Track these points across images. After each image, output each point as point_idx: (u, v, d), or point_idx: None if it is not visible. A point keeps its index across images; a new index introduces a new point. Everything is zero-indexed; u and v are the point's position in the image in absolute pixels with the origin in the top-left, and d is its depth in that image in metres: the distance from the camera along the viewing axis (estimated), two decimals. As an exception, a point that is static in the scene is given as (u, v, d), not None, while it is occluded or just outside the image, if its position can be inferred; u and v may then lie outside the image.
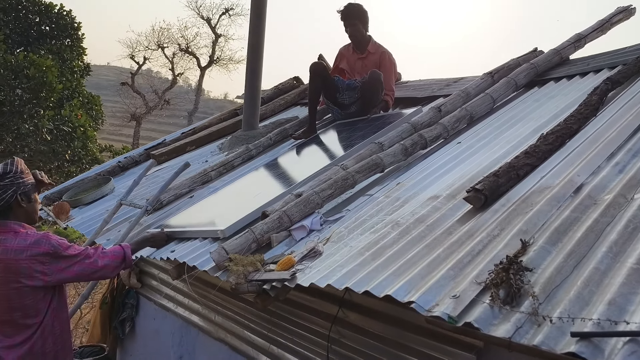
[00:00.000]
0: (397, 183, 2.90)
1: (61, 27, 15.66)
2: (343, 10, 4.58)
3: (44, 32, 15.56)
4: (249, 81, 4.87)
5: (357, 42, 4.69)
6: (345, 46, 4.84)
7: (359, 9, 4.60)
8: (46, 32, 15.56)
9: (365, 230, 2.39)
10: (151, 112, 28.20)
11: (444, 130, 3.33)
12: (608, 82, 2.88)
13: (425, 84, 4.94)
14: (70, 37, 15.92)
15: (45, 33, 15.54)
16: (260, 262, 2.46)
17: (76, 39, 16.06)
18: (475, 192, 2.16)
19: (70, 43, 15.93)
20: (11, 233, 2.40)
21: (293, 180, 3.26)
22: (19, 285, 2.34)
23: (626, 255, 1.64)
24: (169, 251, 2.95)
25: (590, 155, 2.28)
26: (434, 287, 1.73)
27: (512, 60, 4.18)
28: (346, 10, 4.58)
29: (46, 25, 15.61)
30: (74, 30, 15.88)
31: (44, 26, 15.59)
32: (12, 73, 12.27)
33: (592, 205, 1.95)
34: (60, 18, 15.64)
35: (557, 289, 1.60)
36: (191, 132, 5.58)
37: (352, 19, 4.57)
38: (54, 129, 13.01)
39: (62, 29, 15.67)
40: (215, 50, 28.36)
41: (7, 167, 2.40)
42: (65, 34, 15.78)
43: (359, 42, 4.68)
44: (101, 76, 43.72)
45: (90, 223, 3.93)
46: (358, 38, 4.65)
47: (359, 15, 4.59)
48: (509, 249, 1.81)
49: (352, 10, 4.58)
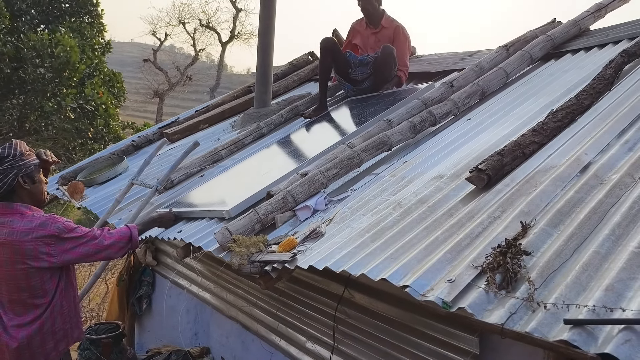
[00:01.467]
0: (403, 162, 2.85)
1: (80, 3, 15.66)
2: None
3: (64, 9, 15.61)
4: (260, 58, 4.81)
5: (369, 16, 4.58)
6: (357, 21, 4.73)
7: None
8: (65, 10, 15.60)
9: (368, 211, 2.36)
10: (174, 89, 28.30)
11: (454, 107, 3.25)
12: (624, 54, 2.76)
13: (440, 57, 4.82)
14: (90, 14, 15.93)
15: (65, 10, 15.58)
16: (264, 243, 2.45)
17: (95, 15, 16.07)
18: (478, 172, 2.11)
19: (90, 20, 15.95)
20: (17, 215, 2.43)
21: (300, 159, 3.23)
22: (25, 267, 2.37)
23: (629, 239, 1.59)
24: (176, 231, 2.97)
25: (600, 132, 2.20)
26: (430, 271, 1.70)
27: (529, 32, 4.04)
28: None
29: (65, 3, 15.63)
30: (92, 7, 15.88)
31: (64, 3, 15.62)
32: (35, 52, 12.39)
33: (597, 186, 1.89)
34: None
35: (555, 273, 1.55)
36: (204, 110, 5.57)
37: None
38: (77, 107, 13.15)
39: (81, 6, 15.68)
40: (236, 25, 28.22)
41: (5, 150, 2.41)
42: (85, 10, 15.79)
43: (371, 16, 4.57)
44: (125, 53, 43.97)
45: (103, 202, 3.97)
46: (370, 12, 4.55)
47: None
48: (509, 232, 1.77)
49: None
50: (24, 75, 12.57)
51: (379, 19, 4.56)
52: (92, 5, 15.69)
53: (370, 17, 4.58)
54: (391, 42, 4.40)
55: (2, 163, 2.39)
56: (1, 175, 2.39)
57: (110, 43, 16.70)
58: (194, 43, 28.93)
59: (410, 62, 4.70)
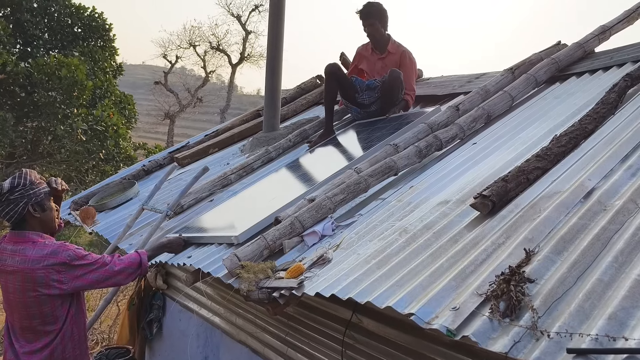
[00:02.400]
0: (410, 186, 2.87)
1: (93, 29, 15.98)
2: (362, 10, 4.53)
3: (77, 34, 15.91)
4: (268, 82, 4.88)
5: (376, 42, 4.64)
6: (363, 46, 4.79)
7: (378, 8, 4.54)
8: (78, 34, 15.91)
9: (374, 237, 2.38)
10: (184, 110, 28.59)
11: (460, 131, 3.28)
12: (627, 78, 2.79)
13: (447, 80, 4.87)
14: (102, 38, 16.23)
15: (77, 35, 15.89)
16: (271, 269, 2.48)
17: (107, 40, 16.37)
18: (483, 199, 2.13)
19: (102, 44, 16.24)
20: (29, 243, 2.48)
21: (308, 184, 3.27)
22: (37, 294, 2.42)
23: (632, 266, 1.60)
24: (186, 257, 3.00)
25: (604, 157, 2.22)
26: (434, 299, 1.72)
27: (534, 55, 4.08)
28: (365, 9, 4.52)
29: (78, 28, 15.95)
30: (105, 32, 16.18)
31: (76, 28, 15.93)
32: (46, 75, 12.62)
33: (601, 212, 1.90)
34: (92, 20, 15.96)
35: (559, 301, 1.56)
36: (214, 135, 5.64)
37: (371, 18, 4.51)
38: (88, 129, 13.32)
39: (93, 31, 15.99)
40: (246, 46, 28.54)
41: (16, 180, 2.47)
42: (97, 35, 16.10)
43: (377, 41, 4.63)
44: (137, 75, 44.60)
45: (114, 227, 4.03)
46: (377, 38, 4.60)
47: (378, 14, 4.53)
48: (513, 259, 1.79)
49: (370, 10, 4.52)
50: (36, 100, 12.79)
51: (385, 45, 4.62)
52: (105, 30, 15.98)
53: (376, 43, 4.64)
54: (398, 67, 4.46)
55: (13, 192, 2.45)
56: (12, 204, 2.45)
57: (121, 66, 16.98)
58: (205, 65, 29.29)
59: (417, 85, 4.75)
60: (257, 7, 27.46)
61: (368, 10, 4.53)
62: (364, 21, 4.55)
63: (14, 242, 2.51)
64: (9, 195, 2.46)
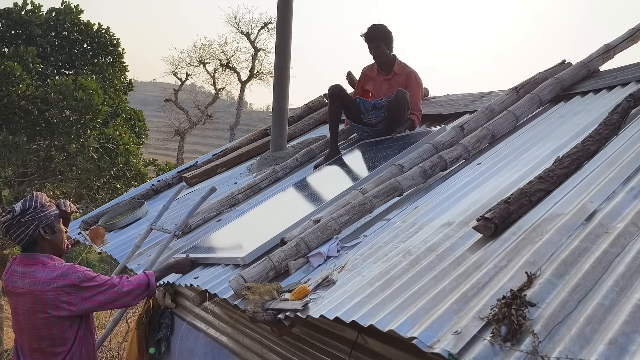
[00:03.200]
0: (414, 207, 2.89)
1: (101, 45, 16.19)
2: (367, 32, 4.58)
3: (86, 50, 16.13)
4: (275, 102, 4.94)
5: (382, 63, 4.67)
6: (368, 67, 4.84)
7: (383, 30, 4.58)
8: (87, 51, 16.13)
9: (379, 259, 2.40)
10: (194, 127, 28.81)
11: (464, 151, 3.30)
12: (630, 99, 2.80)
13: (452, 99, 4.90)
14: (111, 54, 16.44)
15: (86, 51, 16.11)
16: (277, 291, 2.50)
17: (117, 55, 16.57)
18: (485, 221, 2.15)
19: (112, 60, 16.45)
20: (39, 265, 2.52)
21: (314, 204, 3.30)
22: (46, 316, 2.46)
23: (632, 290, 1.61)
24: (193, 277, 3.03)
25: (606, 179, 2.23)
26: (436, 322, 1.73)
27: (539, 74, 4.11)
28: (370, 32, 4.57)
29: (87, 44, 16.18)
30: (113, 47, 16.39)
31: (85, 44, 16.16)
32: (61, 95, 12.81)
33: (602, 235, 1.91)
34: (100, 36, 16.19)
35: (559, 325, 1.57)
36: (222, 154, 5.70)
37: (376, 40, 4.56)
38: (100, 147, 13.47)
39: (102, 47, 16.21)
40: (255, 64, 28.78)
41: (27, 203, 2.53)
42: (106, 51, 16.31)
43: (384, 63, 4.66)
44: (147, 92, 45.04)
45: (123, 247, 4.07)
46: (383, 59, 4.64)
47: (384, 36, 4.58)
48: (515, 282, 1.80)
49: (375, 32, 4.57)
50: (50, 118, 12.96)
51: (391, 66, 4.66)
52: (113, 46, 16.18)
53: (382, 64, 4.68)
54: (404, 88, 4.49)
55: (24, 215, 2.50)
56: (23, 226, 2.51)
57: (132, 82, 17.17)
58: (214, 82, 29.54)
59: (423, 104, 4.78)
60: (266, 25, 27.72)
61: (373, 33, 4.58)
62: (370, 43, 4.60)
63: (24, 264, 2.56)
64: (20, 217, 2.51)
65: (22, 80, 12.39)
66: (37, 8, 15.38)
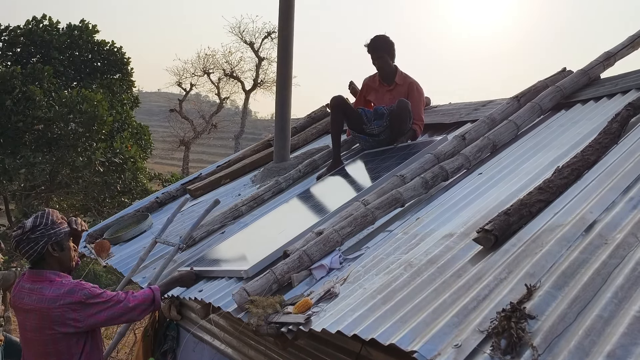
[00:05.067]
0: (416, 218, 2.91)
1: (112, 62, 16.42)
2: (370, 44, 4.59)
3: (96, 67, 16.33)
4: (278, 113, 4.98)
5: (384, 74, 4.68)
6: (370, 78, 4.86)
7: (386, 41, 4.60)
8: (98, 68, 16.32)
9: (380, 271, 2.42)
10: (199, 137, 28.94)
11: (465, 161, 3.32)
12: (629, 107, 2.81)
13: (454, 108, 4.92)
14: (120, 71, 16.64)
15: (96, 68, 16.30)
16: (280, 304, 2.51)
17: (126, 73, 16.77)
18: (485, 233, 2.16)
19: (120, 77, 16.64)
20: (47, 282, 2.55)
21: (317, 215, 3.32)
22: (53, 332, 2.48)
23: (631, 302, 1.61)
24: (197, 291, 3.05)
25: (605, 189, 2.24)
26: (437, 335, 1.74)
27: (540, 82, 4.12)
28: (373, 43, 4.59)
29: (98, 62, 16.37)
30: (123, 65, 16.59)
31: (96, 62, 16.36)
32: (66, 108, 12.93)
33: (602, 245, 1.92)
34: (111, 54, 16.41)
35: (559, 338, 1.58)
36: (226, 165, 5.73)
37: (380, 51, 4.57)
38: (106, 161, 13.57)
39: (112, 64, 16.43)
40: (259, 73, 28.90)
41: (37, 220, 2.56)
42: (116, 68, 16.53)
43: (386, 73, 4.67)
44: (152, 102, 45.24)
45: (128, 261, 4.10)
46: (386, 70, 4.66)
47: (387, 47, 4.60)
48: (515, 294, 1.81)
49: (379, 43, 4.59)
50: (57, 131, 13.08)
51: (393, 76, 4.67)
52: (123, 64, 16.36)
53: (385, 74, 4.69)
54: (406, 98, 4.52)
55: (34, 231, 2.54)
56: (32, 242, 2.54)
57: (138, 98, 17.36)
58: (219, 92, 29.67)
59: (425, 113, 4.80)
60: (270, 34, 27.87)
61: (377, 44, 4.59)
62: (373, 54, 4.61)
63: (32, 280, 2.59)
64: (30, 233, 2.55)
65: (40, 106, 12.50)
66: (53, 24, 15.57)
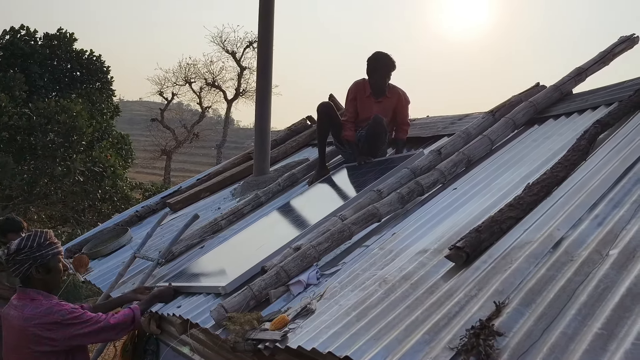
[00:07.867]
0: (392, 233, 2.96)
1: (91, 71, 16.31)
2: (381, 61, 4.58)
3: (75, 77, 16.21)
4: (257, 127, 5.01)
5: (378, 89, 4.63)
6: (360, 85, 4.69)
7: (391, 61, 4.60)
8: (77, 77, 16.20)
9: (356, 287, 2.46)
10: (181, 146, 28.81)
11: (441, 176, 3.38)
12: (597, 124, 2.90)
13: (431, 122, 5.00)
14: (100, 81, 16.54)
15: (76, 78, 16.19)
16: (257, 320, 2.54)
17: (105, 82, 16.67)
18: (457, 250, 2.21)
19: (100, 86, 16.53)
20: (28, 300, 2.57)
21: (295, 231, 3.35)
22: (29, 351, 2.48)
23: (594, 319, 1.67)
24: (175, 307, 3.07)
25: (572, 206, 2.31)
26: (409, 353, 1.78)
27: (514, 97, 4.21)
28: (386, 61, 4.58)
29: (77, 71, 16.25)
30: (103, 74, 16.49)
31: (75, 72, 16.24)
32: (45, 119, 12.81)
33: (568, 262, 1.98)
34: (91, 63, 16.29)
35: (525, 355, 1.63)
36: (206, 178, 5.75)
37: (389, 70, 4.58)
38: (86, 170, 13.46)
39: (92, 74, 16.32)
40: (241, 82, 28.88)
41: (23, 242, 2.57)
42: (95, 77, 16.42)
43: (380, 88, 4.63)
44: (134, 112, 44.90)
45: (107, 276, 4.09)
46: (382, 88, 4.63)
47: (391, 67, 4.60)
48: (484, 311, 1.86)
49: (384, 62, 4.57)
50: (34, 142, 12.95)
51: (385, 91, 4.64)
52: (103, 73, 16.26)
53: (378, 89, 4.63)
54: (394, 108, 4.61)
55: (19, 254, 2.55)
56: (17, 264, 2.57)
57: (119, 107, 17.23)
58: (201, 101, 29.59)
59: (403, 127, 4.85)
60: (252, 44, 27.83)
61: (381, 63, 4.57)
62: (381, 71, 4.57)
63: (18, 297, 2.62)
64: (15, 255, 2.57)
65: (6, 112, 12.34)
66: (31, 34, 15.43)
